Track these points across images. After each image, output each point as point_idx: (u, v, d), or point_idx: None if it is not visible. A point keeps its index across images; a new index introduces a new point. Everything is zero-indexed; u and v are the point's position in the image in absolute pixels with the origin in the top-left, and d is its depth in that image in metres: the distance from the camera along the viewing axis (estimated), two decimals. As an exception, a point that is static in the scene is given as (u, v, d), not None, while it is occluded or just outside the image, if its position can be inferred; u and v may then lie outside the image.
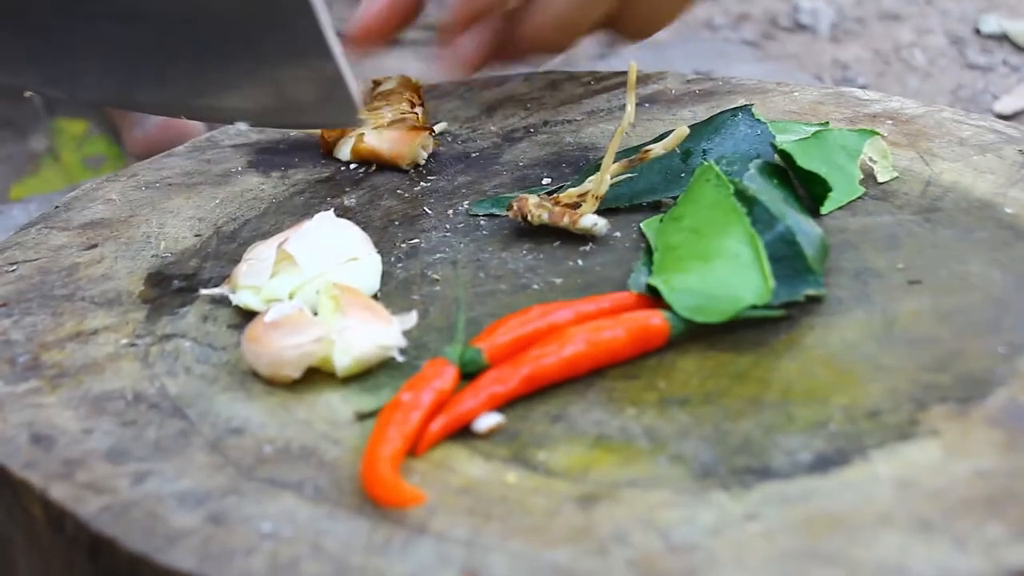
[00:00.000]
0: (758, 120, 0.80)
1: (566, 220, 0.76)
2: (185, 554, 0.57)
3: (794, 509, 0.58)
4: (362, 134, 0.85)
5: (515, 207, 0.77)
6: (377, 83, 0.90)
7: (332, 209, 0.78)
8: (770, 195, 0.74)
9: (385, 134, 0.85)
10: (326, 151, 0.87)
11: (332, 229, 0.74)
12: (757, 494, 0.59)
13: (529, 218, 0.77)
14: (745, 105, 0.82)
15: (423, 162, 0.85)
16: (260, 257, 0.73)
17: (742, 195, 0.73)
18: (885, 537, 0.56)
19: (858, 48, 1.57)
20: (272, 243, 0.74)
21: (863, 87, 1.48)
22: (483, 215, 0.80)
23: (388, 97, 0.88)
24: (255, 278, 0.72)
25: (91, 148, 1.50)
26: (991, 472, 0.59)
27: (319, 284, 0.71)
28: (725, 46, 1.56)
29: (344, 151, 0.86)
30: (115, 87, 0.83)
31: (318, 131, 0.86)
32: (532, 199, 0.78)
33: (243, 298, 0.72)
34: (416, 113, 0.86)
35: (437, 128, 0.88)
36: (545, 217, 0.77)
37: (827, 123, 0.84)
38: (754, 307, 0.68)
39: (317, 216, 0.75)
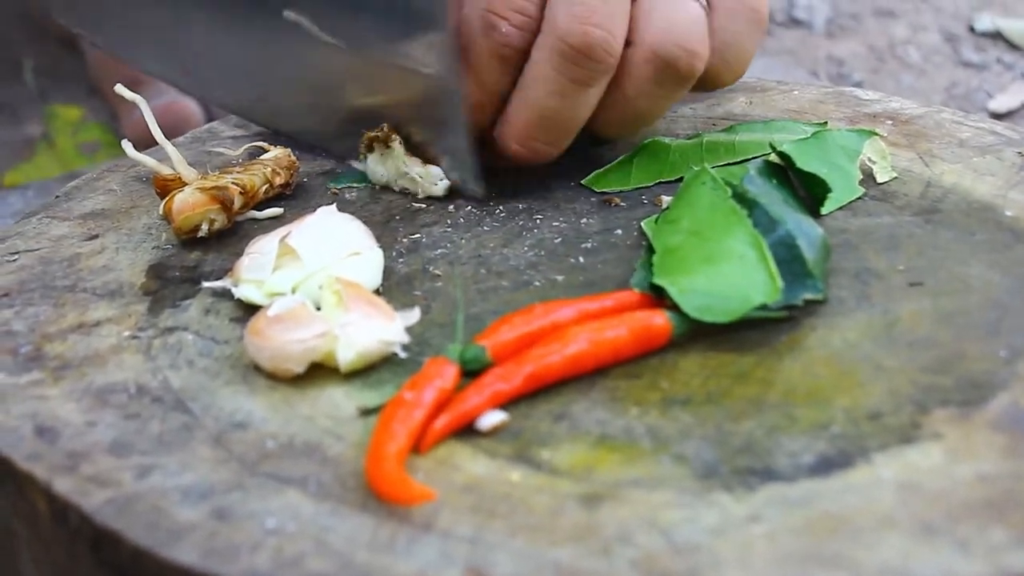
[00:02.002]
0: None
1: (417, 168, 0.81)
2: (189, 549, 0.57)
3: (797, 511, 0.58)
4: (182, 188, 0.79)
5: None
6: (263, 149, 0.85)
7: (334, 203, 0.78)
8: (770, 197, 0.75)
9: (189, 194, 0.78)
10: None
11: (334, 223, 0.75)
12: (760, 495, 0.59)
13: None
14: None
15: (204, 234, 0.78)
16: (263, 250, 0.73)
17: (741, 198, 0.73)
18: (888, 540, 0.56)
19: (853, 44, 1.58)
20: (274, 236, 0.74)
21: (858, 84, 1.49)
22: (343, 188, 0.84)
23: (252, 166, 0.82)
24: (258, 272, 0.72)
25: (86, 134, 1.50)
26: (993, 476, 0.59)
27: (321, 278, 0.71)
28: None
29: None
30: (254, 97, 0.87)
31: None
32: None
33: (245, 292, 0.72)
34: (242, 186, 0.79)
35: (263, 214, 0.81)
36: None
37: (825, 123, 0.85)
38: (758, 308, 0.68)
39: (319, 210, 0.75)
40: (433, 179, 0.81)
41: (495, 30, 0.77)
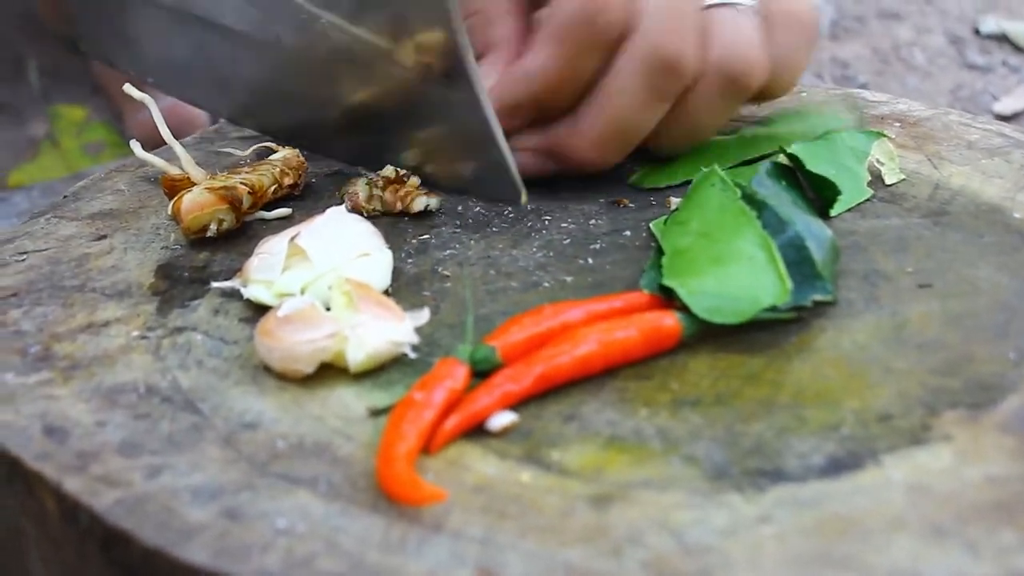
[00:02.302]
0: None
1: (400, 207, 0.80)
2: (200, 549, 0.57)
3: (807, 512, 0.58)
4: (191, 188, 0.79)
5: (348, 203, 0.80)
6: (272, 150, 0.86)
7: (343, 203, 0.78)
8: (779, 198, 0.75)
9: (198, 194, 0.78)
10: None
11: (344, 224, 0.75)
12: (770, 497, 0.59)
13: (364, 213, 0.80)
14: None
15: (212, 234, 0.79)
16: (272, 251, 0.73)
17: (750, 199, 0.73)
18: (898, 542, 0.56)
19: (858, 47, 1.57)
20: (284, 237, 0.74)
21: (863, 85, 1.49)
22: None
23: (261, 167, 0.82)
24: (267, 272, 0.72)
25: (91, 135, 1.50)
26: (1003, 478, 0.59)
27: (331, 279, 0.71)
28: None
29: None
30: (310, 134, 0.85)
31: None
32: (362, 193, 0.80)
33: (255, 292, 0.72)
34: (251, 186, 0.80)
35: (272, 214, 0.82)
36: (379, 207, 0.80)
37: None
38: (768, 309, 0.68)
39: (329, 210, 0.75)
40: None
41: (595, 18, 0.76)
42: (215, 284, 0.74)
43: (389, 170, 0.81)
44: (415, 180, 0.81)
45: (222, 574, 0.56)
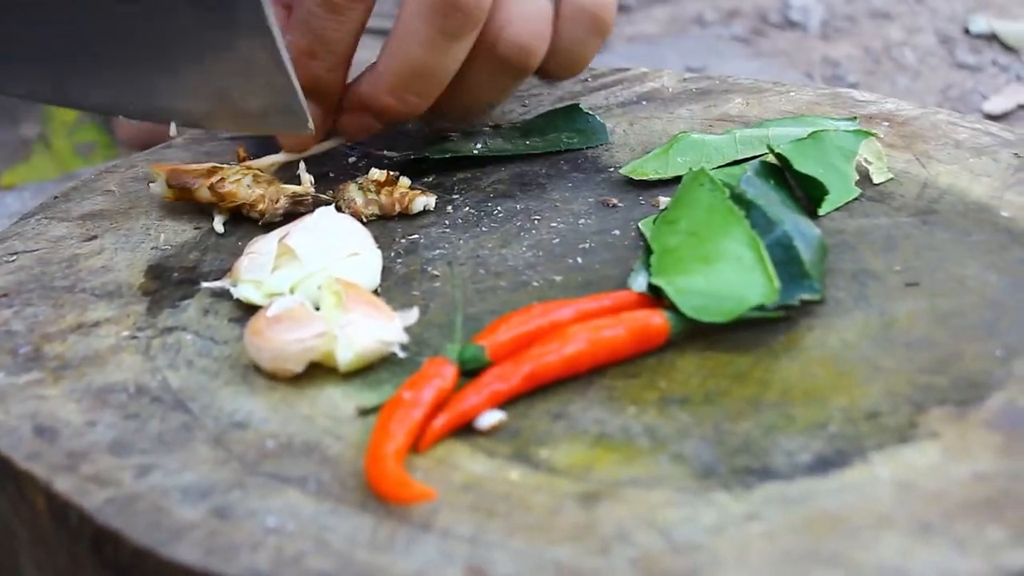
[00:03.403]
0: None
1: (398, 208, 0.80)
2: (190, 548, 0.57)
3: (795, 510, 0.58)
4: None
5: (347, 211, 0.80)
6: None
7: (333, 204, 0.78)
8: (767, 197, 0.75)
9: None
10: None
11: (333, 224, 0.75)
12: (758, 494, 0.59)
13: (363, 219, 0.79)
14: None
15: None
16: (261, 251, 0.73)
17: (739, 199, 0.73)
18: (885, 539, 0.56)
19: (848, 46, 1.58)
20: (273, 237, 0.74)
21: (853, 85, 1.49)
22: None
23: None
24: (256, 272, 0.72)
25: (82, 135, 1.49)
26: (990, 475, 0.59)
27: (320, 279, 0.71)
28: (716, 43, 1.57)
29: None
30: (49, 81, 0.82)
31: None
32: (359, 199, 0.80)
33: (244, 292, 0.72)
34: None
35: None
36: (377, 211, 0.80)
37: (855, 118, 0.85)
38: (756, 308, 0.68)
39: (318, 211, 0.76)
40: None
41: None
42: (205, 284, 0.74)
43: (377, 173, 0.81)
44: (406, 180, 0.81)
45: (212, 573, 0.56)
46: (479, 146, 0.86)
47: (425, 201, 0.81)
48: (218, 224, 0.80)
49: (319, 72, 0.80)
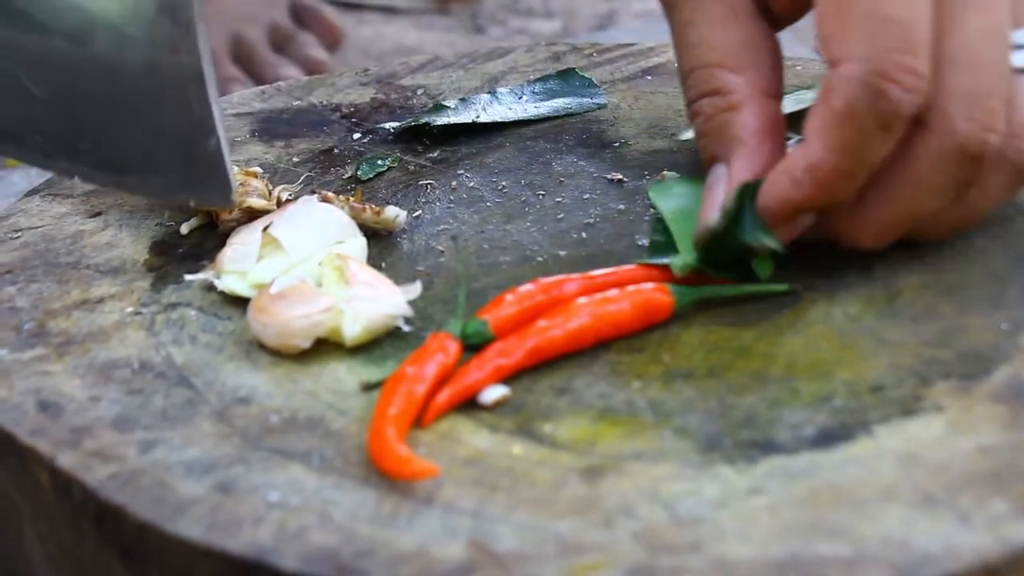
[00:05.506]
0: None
1: (368, 215, 0.76)
2: (193, 522, 0.57)
3: (799, 483, 0.58)
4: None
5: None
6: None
7: (314, 193, 0.77)
8: None
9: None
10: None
11: (316, 212, 0.74)
12: (762, 468, 0.59)
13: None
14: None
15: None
16: (246, 241, 0.73)
17: None
18: (889, 511, 0.56)
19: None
20: (256, 227, 0.74)
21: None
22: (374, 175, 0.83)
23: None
24: (241, 263, 0.72)
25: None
26: (995, 448, 0.59)
27: (305, 269, 0.71)
28: (723, 18, 1.56)
29: None
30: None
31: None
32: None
33: (228, 283, 0.71)
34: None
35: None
36: (348, 212, 0.76)
37: None
38: (759, 282, 0.68)
39: (300, 199, 0.75)
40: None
41: (885, 96, 0.64)
42: (188, 277, 0.73)
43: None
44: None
45: (215, 548, 0.56)
46: (477, 116, 0.86)
47: (396, 211, 0.77)
48: (184, 227, 0.79)
49: (845, 192, 0.68)
